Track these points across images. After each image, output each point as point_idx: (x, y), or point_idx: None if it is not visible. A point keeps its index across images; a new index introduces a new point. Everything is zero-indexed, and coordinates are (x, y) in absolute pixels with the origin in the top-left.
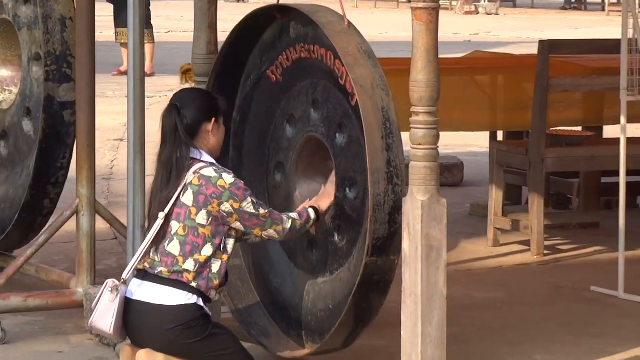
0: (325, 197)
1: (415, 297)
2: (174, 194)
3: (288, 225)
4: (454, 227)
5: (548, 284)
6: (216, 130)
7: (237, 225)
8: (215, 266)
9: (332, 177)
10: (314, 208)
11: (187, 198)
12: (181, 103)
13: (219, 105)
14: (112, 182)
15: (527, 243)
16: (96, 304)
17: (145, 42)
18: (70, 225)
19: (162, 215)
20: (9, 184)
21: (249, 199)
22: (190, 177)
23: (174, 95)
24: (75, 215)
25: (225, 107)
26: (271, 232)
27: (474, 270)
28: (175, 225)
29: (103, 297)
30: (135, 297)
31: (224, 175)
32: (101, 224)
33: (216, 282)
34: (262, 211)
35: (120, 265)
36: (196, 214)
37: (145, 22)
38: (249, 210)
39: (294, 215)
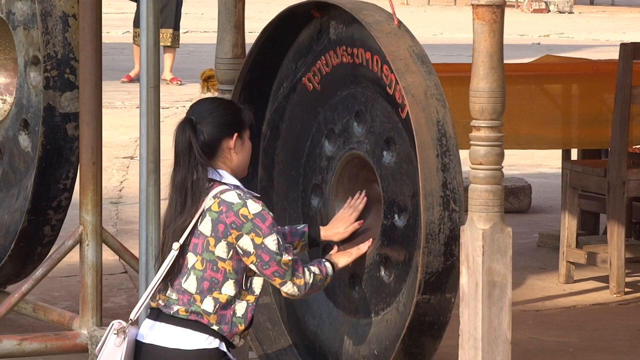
0: (344, 255)
1: (475, 342)
2: (190, 222)
3: (310, 280)
4: (520, 260)
5: (630, 327)
6: (240, 146)
7: (252, 268)
8: (240, 309)
9: (367, 244)
10: (331, 263)
11: (205, 226)
12: (197, 117)
13: (242, 117)
14: (121, 206)
15: (605, 279)
16: (100, 349)
17: (171, 45)
18: (73, 256)
19: (176, 246)
20: (3, 208)
21: (275, 237)
22: (209, 202)
23: (190, 108)
24: (78, 245)
25: (251, 119)
26: (290, 286)
27: (543, 311)
28: (191, 258)
29: (108, 340)
30: (147, 340)
31: (249, 202)
32: (109, 255)
33: (241, 327)
34: (285, 257)
35: (130, 303)
36: (215, 246)
37: (175, 23)
38: (271, 248)
39: (314, 269)
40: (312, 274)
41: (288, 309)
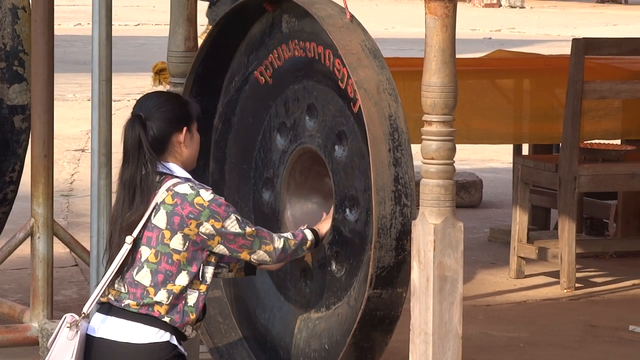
0: (326, 220)
1: (426, 336)
2: (141, 218)
3: (280, 244)
4: (471, 255)
5: (580, 322)
6: (189, 140)
7: (220, 248)
8: (192, 298)
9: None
10: (312, 230)
11: (160, 219)
12: (145, 113)
13: (190, 110)
14: (72, 199)
15: (555, 274)
16: (52, 342)
17: None
18: (24, 249)
19: (129, 239)
20: None
21: (233, 217)
22: (162, 195)
23: (136, 103)
24: (29, 237)
25: (198, 111)
26: (261, 253)
27: (494, 306)
28: (145, 252)
29: (61, 334)
30: (98, 334)
31: (202, 191)
32: (60, 248)
33: (192, 317)
34: (248, 229)
35: (81, 296)
36: (170, 238)
37: None
38: (233, 229)
39: (286, 234)
40: (282, 239)
41: (239, 303)
